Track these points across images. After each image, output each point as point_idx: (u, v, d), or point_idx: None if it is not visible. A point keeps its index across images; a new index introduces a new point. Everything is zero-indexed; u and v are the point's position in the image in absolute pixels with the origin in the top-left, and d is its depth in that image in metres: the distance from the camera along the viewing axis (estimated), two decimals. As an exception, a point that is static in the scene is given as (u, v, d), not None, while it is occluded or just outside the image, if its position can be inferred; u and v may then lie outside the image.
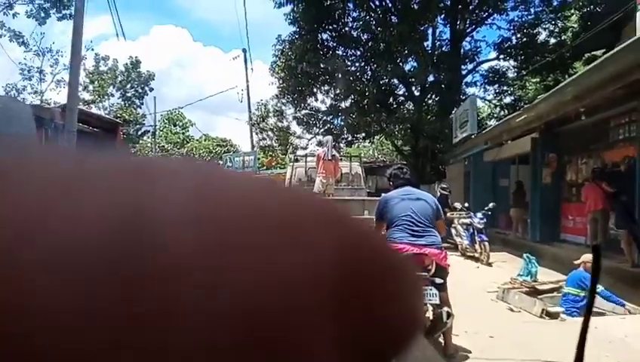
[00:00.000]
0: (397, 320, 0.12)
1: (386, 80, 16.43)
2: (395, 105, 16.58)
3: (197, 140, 28.46)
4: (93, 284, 0.08)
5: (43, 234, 0.09)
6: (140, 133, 29.90)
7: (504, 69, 17.31)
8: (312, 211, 0.11)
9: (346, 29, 15.79)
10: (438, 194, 8.92)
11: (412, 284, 0.12)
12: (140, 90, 31.04)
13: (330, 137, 8.69)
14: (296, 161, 9.44)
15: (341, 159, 8.76)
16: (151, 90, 31.36)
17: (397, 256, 0.12)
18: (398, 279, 0.12)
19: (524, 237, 9.30)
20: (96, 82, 30.05)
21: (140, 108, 30.73)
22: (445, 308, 3.08)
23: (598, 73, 5.23)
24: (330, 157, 7.70)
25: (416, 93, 16.25)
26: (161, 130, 29.15)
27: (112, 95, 30.88)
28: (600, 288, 4.50)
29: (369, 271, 0.11)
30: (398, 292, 0.12)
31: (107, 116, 18.78)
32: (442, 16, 15.73)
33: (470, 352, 3.39)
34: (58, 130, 7.11)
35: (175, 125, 29.90)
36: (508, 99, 17.55)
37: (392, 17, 15.20)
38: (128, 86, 30.86)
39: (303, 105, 17.50)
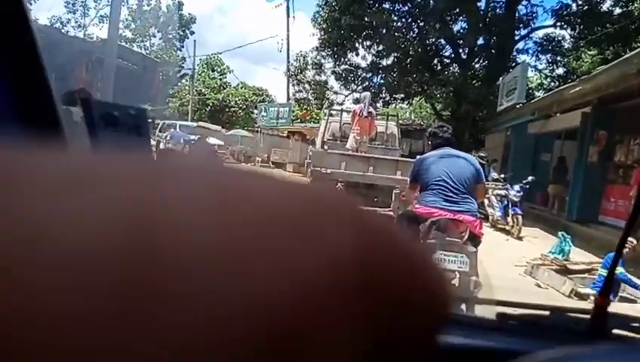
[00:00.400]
0: (420, 319, 0.12)
1: (433, 39, 15.70)
2: (439, 67, 15.92)
3: (234, 87, 28.38)
4: (101, 286, 0.08)
5: (50, 234, 0.08)
6: (178, 75, 30.10)
7: (560, 38, 16.26)
8: (329, 209, 0.11)
9: (396, -19, 15.04)
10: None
11: (436, 281, 0.12)
12: (181, 33, 30.98)
13: (367, 93, 8.30)
14: (331, 115, 9.11)
15: (377, 117, 8.47)
16: (192, 33, 31.29)
17: (420, 252, 0.12)
18: (422, 277, 0.12)
19: (559, 214, 8.97)
20: (138, 21, 30.13)
21: (180, 50, 30.81)
22: (474, 277, 2.98)
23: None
24: (366, 115, 7.40)
25: (463, 56, 15.53)
26: (200, 74, 29.16)
27: (154, 35, 31.01)
28: (620, 270, 4.30)
29: (391, 270, 0.11)
30: (422, 290, 0.12)
31: (147, 55, 18.90)
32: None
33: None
34: (98, 63, 7.14)
35: (213, 70, 29.79)
36: (560, 70, 16.60)
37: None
38: (169, 27, 30.82)
39: (342, 59, 17.02)
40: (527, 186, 8.17)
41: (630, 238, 4.75)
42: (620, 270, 4.28)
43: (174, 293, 0.09)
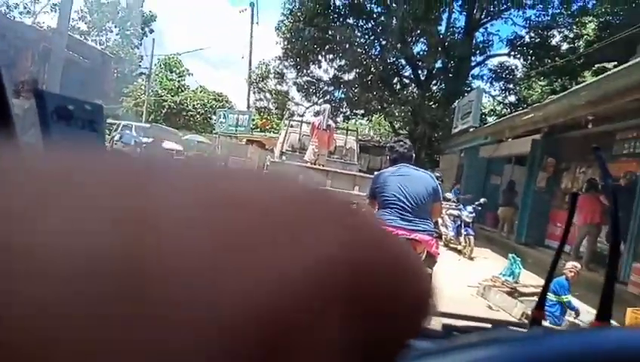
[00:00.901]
0: (405, 319, 0.12)
1: (394, 59, 16.04)
2: (399, 87, 16.24)
3: (192, 91, 27.70)
4: (92, 285, 0.08)
5: (39, 232, 0.08)
6: (134, 73, 29.06)
7: (513, 67, 17.05)
8: (316, 207, 0.11)
9: (361, -2, 15.28)
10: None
11: (423, 282, 0.12)
12: (140, 30, 30.00)
13: (327, 106, 8.19)
14: (291, 125, 9.03)
15: (337, 131, 8.48)
16: (151, 31, 30.34)
17: (407, 252, 0.12)
18: (407, 276, 0.12)
19: (509, 237, 9.26)
20: (95, 14, 28.93)
21: (138, 48, 29.78)
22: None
23: (618, 80, 5.03)
24: (325, 127, 7.36)
25: (422, 78, 15.92)
26: (157, 75, 28.25)
27: (111, 31, 29.83)
28: (569, 298, 4.44)
29: (377, 268, 0.11)
30: (407, 289, 0.12)
31: (102, 50, 18.10)
32: (460, 2, 15.29)
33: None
34: (46, 54, 6.69)
35: (172, 71, 28.94)
36: (512, 98, 17.37)
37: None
38: (128, 24, 29.80)
39: (305, 71, 17.03)
40: (480, 208, 8.38)
41: (575, 263, 4.93)
42: (567, 298, 4.41)
43: (164, 295, 0.09)
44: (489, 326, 0.75)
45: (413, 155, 3.11)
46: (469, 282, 5.53)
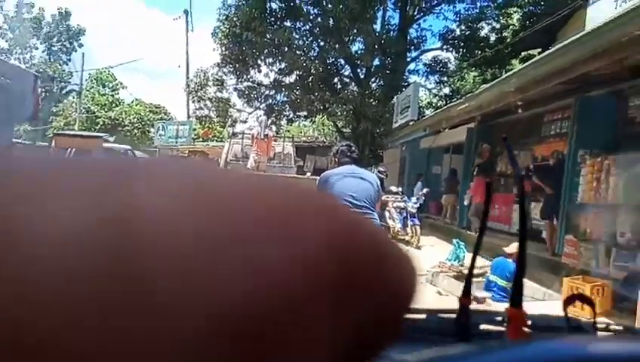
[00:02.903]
0: (391, 309, 0.12)
1: (333, 59, 16.19)
2: (339, 86, 16.41)
3: (128, 105, 26.64)
4: (82, 287, 0.08)
5: (27, 236, 0.08)
6: (64, 91, 27.61)
7: (446, 60, 17.70)
8: (302, 202, 0.11)
9: (297, 0, 15.30)
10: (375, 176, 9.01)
11: (407, 271, 0.12)
12: (68, 46, 28.54)
13: (264, 117, 9.83)
14: (234, 136, 10.35)
15: (275, 139, 9.76)
16: (80, 46, 28.93)
17: (390, 243, 0.12)
18: (393, 267, 0.12)
19: (452, 223, 9.57)
20: (17, 30, 27.20)
21: (67, 64, 28.33)
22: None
23: (542, 67, 5.32)
24: (262, 137, 8.57)
25: (361, 76, 16.18)
26: (88, 90, 26.96)
27: (36, 48, 28.17)
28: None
29: (362, 260, 0.11)
30: (393, 280, 0.12)
31: (27, 68, 17.02)
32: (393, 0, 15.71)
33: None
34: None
35: (104, 86, 27.73)
36: (447, 90, 18.02)
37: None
38: (55, 39, 28.26)
39: (245, 76, 16.81)
40: (424, 198, 8.59)
41: (517, 244, 5.14)
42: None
43: (151, 292, 0.09)
44: (422, 316, 0.76)
45: (358, 158, 3.24)
46: (419, 271, 5.63)
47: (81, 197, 0.09)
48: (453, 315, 0.65)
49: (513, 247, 4.91)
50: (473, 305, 0.66)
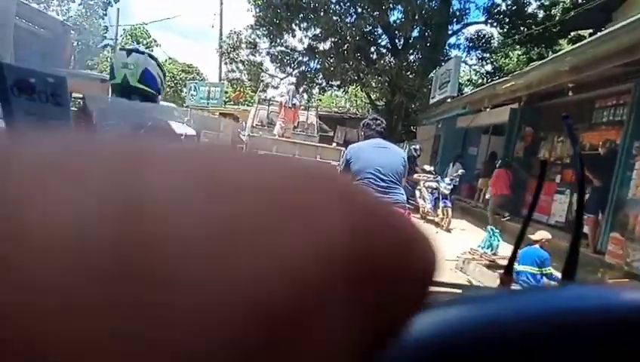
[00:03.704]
0: (412, 296, 0.12)
1: (370, 27, 15.57)
2: (375, 56, 15.83)
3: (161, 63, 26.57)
4: (91, 274, 0.08)
5: (35, 217, 0.08)
6: (100, 45, 27.71)
7: (489, 35, 16.81)
8: (318, 186, 0.11)
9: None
10: (409, 153, 8.81)
11: (428, 256, 0.12)
12: (105, 0, 28.45)
13: (292, 87, 10.31)
14: (260, 103, 10.76)
15: (301, 108, 10.13)
16: (116, 1, 28.81)
17: (413, 228, 0.12)
18: (416, 253, 0.12)
19: (486, 208, 9.21)
20: (54, -19, 27.22)
21: (103, 19, 28.30)
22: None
23: (601, 46, 4.84)
24: (290, 105, 8.89)
25: (399, 47, 15.55)
26: (123, 46, 27.02)
27: (73, 1, 28.18)
28: (550, 270, 4.36)
29: (383, 247, 0.11)
30: (414, 265, 0.12)
31: (57, 17, 17.00)
32: (437, -32, 14.86)
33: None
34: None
35: (139, 43, 27.69)
36: (489, 67, 17.19)
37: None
38: (91, -7, 28.18)
39: (279, 40, 16.41)
40: (458, 179, 8.25)
41: (544, 232, 4.83)
42: (549, 270, 4.31)
43: (164, 282, 0.08)
44: (459, 290, 0.75)
45: (385, 132, 3.19)
46: (448, 255, 5.41)
47: (89, 183, 0.09)
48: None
49: (539, 235, 4.64)
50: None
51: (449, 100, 10.98)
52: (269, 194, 0.10)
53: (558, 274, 4.29)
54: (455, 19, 16.01)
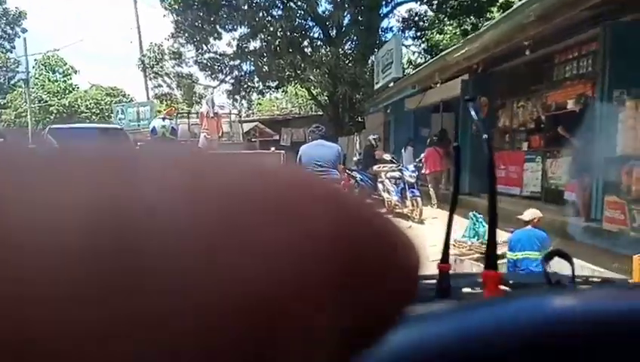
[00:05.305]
0: (396, 294, 0.12)
1: (300, 20, 14.74)
2: (310, 49, 15.01)
3: (84, 90, 24.58)
4: (80, 275, 0.08)
5: (25, 224, 0.08)
6: (12, 82, 25.32)
7: (422, 13, 16.45)
8: (303, 187, 0.11)
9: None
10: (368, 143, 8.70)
11: (412, 257, 0.12)
12: (10, 31, 26.02)
13: (211, 96, 10.06)
14: (179, 117, 10.96)
15: (223, 116, 10.24)
16: (24, 31, 26.43)
17: (396, 228, 0.12)
18: (398, 252, 0.12)
19: (449, 189, 8.59)
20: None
21: (11, 52, 25.89)
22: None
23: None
24: (212, 115, 8.80)
25: (333, 36, 14.82)
26: (37, 78, 24.77)
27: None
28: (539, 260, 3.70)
29: (367, 246, 0.11)
30: (398, 265, 0.12)
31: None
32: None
33: None
34: None
35: (54, 72, 25.53)
36: (425, 45, 16.82)
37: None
38: (-6, 26, 25.70)
39: (205, 46, 15.24)
40: (421, 164, 7.56)
41: (535, 210, 4.18)
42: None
43: (153, 281, 0.08)
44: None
45: (326, 134, 4.68)
46: (433, 253, 4.64)
47: (76, 187, 0.09)
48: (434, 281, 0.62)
49: (530, 213, 3.97)
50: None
51: (394, 83, 10.33)
52: (256, 197, 0.10)
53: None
54: (385, 1, 15.49)
